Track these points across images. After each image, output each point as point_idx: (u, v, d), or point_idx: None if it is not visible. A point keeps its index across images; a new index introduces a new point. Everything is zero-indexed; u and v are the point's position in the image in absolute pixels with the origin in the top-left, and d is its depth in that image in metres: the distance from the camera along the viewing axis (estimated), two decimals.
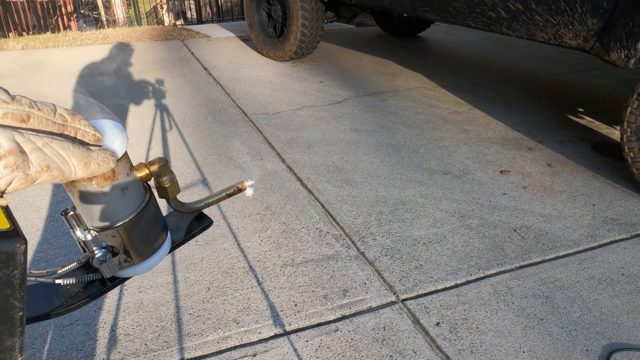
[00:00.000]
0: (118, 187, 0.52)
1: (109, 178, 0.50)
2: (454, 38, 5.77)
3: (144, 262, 0.58)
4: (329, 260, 1.94)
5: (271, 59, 4.74)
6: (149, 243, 0.58)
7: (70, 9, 11.00)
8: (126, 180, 0.53)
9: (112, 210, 0.52)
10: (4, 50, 4.83)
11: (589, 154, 2.90)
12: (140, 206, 0.55)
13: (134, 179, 0.54)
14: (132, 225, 0.54)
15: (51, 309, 0.55)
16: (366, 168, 2.66)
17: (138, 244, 0.56)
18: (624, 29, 2.29)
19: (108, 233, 0.53)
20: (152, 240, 0.59)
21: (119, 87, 3.87)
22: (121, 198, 0.53)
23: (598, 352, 1.56)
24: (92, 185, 0.50)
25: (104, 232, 0.53)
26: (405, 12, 3.66)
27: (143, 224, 0.56)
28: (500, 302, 1.75)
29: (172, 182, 0.61)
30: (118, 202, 0.52)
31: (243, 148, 2.87)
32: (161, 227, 0.61)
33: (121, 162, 0.51)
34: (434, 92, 3.90)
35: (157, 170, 0.59)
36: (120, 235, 0.54)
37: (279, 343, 1.56)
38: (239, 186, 0.70)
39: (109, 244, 0.54)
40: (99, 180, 0.49)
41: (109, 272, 0.56)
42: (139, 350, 1.53)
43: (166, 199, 0.63)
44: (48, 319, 0.55)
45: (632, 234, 2.15)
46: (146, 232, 0.57)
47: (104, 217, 0.53)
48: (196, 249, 1.99)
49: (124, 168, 0.52)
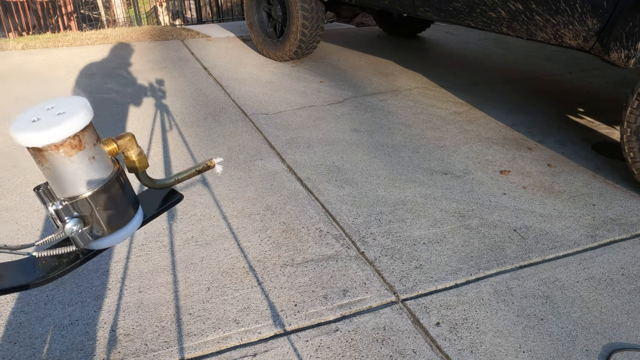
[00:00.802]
0: (85, 156, 0.54)
1: (76, 147, 0.53)
2: (454, 38, 5.77)
3: (115, 233, 0.60)
4: (329, 260, 1.94)
5: (271, 59, 4.74)
6: (119, 214, 0.60)
7: (70, 9, 11.00)
8: (93, 150, 0.55)
9: (81, 179, 0.55)
10: (4, 50, 4.83)
11: (589, 154, 2.90)
12: (109, 177, 0.57)
13: (100, 150, 0.57)
14: (101, 196, 0.56)
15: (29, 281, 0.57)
16: (366, 168, 2.66)
17: (108, 214, 0.58)
18: (624, 29, 2.29)
19: (78, 203, 0.55)
20: (123, 212, 0.61)
21: (119, 87, 3.87)
22: (89, 168, 0.55)
23: (598, 352, 1.56)
24: (60, 153, 0.52)
25: (74, 202, 0.55)
26: (405, 12, 3.66)
27: (112, 195, 0.58)
28: (500, 302, 1.75)
29: (139, 157, 0.64)
30: (86, 172, 0.55)
31: (243, 148, 2.87)
32: (131, 200, 0.63)
33: (86, 132, 0.54)
34: (434, 92, 3.90)
35: (124, 144, 0.62)
36: (90, 205, 0.56)
37: (279, 343, 1.56)
38: (208, 163, 0.73)
39: (80, 214, 0.56)
40: (65, 148, 0.52)
41: (82, 242, 0.58)
42: (139, 350, 1.53)
43: (135, 173, 0.65)
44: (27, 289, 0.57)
45: (632, 234, 2.15)
46: (116, 203, 0.59)
47: (73, 186, 0.55)
48: (196, 249, 1.99)
49: (90, 138, 0.54)
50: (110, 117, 3.31)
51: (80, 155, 0.53)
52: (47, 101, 0.55)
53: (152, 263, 1.91)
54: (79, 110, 0.53)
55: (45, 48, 5.00)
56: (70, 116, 0.52)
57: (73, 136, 0.52)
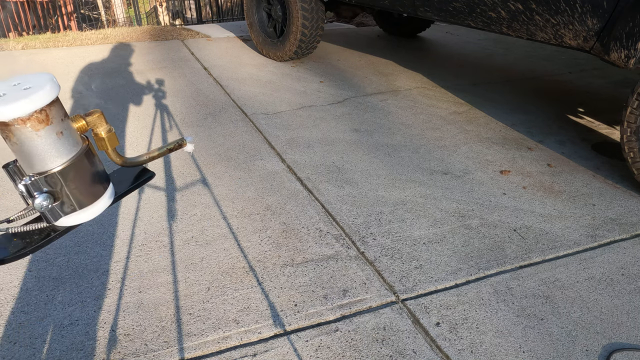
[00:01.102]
0: (53, 131, 0.54)
1: (43, 121, 0.53)
2: (454, 38, 5.77)
3: (86, 209, 0.60)
4: (329, 260, 1.94)
5: (271, 59, 4.74)
6: (88, 190, 0.60)
7: (70, 9, 11.00)
8: (60, 125, 0.55)
9: (49, 154, 0.55)
10: (4, 50, 4.83)
11: (589, 154, 2.90)
12: (78, 152, 0.58)
13: (69, 126, 0.57)
14: (70, 171, 0.57)
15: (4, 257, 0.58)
16: (366, 168, 2.66)
17: (78, 190, 0.59)
18: (624, 29, 2.29)
19: (47, 178, 0.56)
20: (93, 188, 0.61)
21: (119, 87, 3.87)
22: (57, 142, 0.55)
23: (598, 352, 1.56)
24: (27, 128, 0.52)
25: (43, 177, 0.55)
26: (405, 12, 3.66)
27: (82, 171, 0.58)
28: (500, 302, 1.75)
29: (109, 134, 0.64)
30: (54, 147, 0.55)
31: (243, 148, 2.87)
32: (101, 176, 0.63)
33: (53, 107, 0.54)
34: (434, 92, 3.90)
35: (93, 121, 0.62)
36: (60, 181, 0.56)
37: (279, 343, 1.56)
38: (180, 142, 0.74)
39: (50, 189, 0.56)
40: (32, 122, 0.52)
41: (52, 217, 0.58)
42: (139, 350, 1.53)
43: (105, 150, 0.65)
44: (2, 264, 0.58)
45: (632, 234, 2.15)
46: (85, 180, 0.59)
47: (42, 161, 0.55)
48: (196, 249, 1.99)
49: (57, 113, 0.55)
50: (110, 117, 3.31)
51: (47, 129, 0.54)
52: (13, 78, 0.55)
53: (152, 263, 1.91)
54: (45, 84, 0.53)
55: (45, 48, 5.00)
56: (37, 90, 0.52)
57: (40, 110, 0.53)
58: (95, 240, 2.04)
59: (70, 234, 2.07)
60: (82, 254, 1.96)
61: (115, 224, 2.15)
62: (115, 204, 2.38)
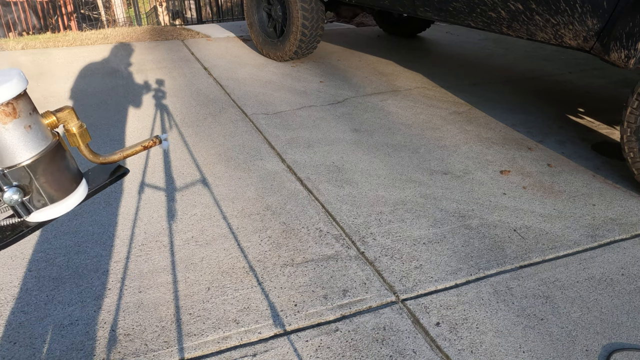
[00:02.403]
0: (20, 124, 0.55)
1: (10, 114, 0.54)
2: (454, 38, 5.77)
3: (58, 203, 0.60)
4: (329, 260, 1.94)
5: (271, 59, 4.74)
6: (59, 185, 0.60)
7: (70, 9, 11.00)
8: (29, 119, 0.56)
9: (17, 148, 0.55)
10: (4, 50, 4.83)
11: (589, 154, 2.91)
12: (47, 147, 0.58)
13: (37, 120, 0.57)
14: (39, 165, 0.57)
15: None
16: (366, 168, 2.66)
17: (49, 184, 0.59)
18: (624, 29, 2.29)
19: (16, 171, 0.56)
20: (64, 182, 0.61)
21: (119, 87, 3.87)
22: (25, 136, 0.55)
23: (598, 352, 1.56)
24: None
25: (12, 171, 0.56)
26: (405, 12, 3.66)
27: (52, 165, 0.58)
28: (500, 302, 1.75)
29: (80, 129, 0.64)
30: (23, 140, 0.55)
31: (243, 148, 2.87)
32: (72, 171, 0.63)
33: (21, 100, 0.54)
34: (434, 92, 3.90)
35: (63, 117, 0.62)
36: (29, 174, 0.56)
37: (279, 343, 1.56)
38: (154, 139, 0.75)
39: (19, 184, 0.56)
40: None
41: (23, 212, 0.58)
42: (139, 350, 1.53)
43: (77, 147, 0.65)
44: None
45: (632, 234, 2.15)
46: (55, 174, 0.59)
47: (10, 155, 0.55)
48: (196, 249, 1.99)
49: (24, 107, 0.55)
50: (110, 117, 3.31)
51: (15, 123, 0.54)
52: None
53: (152, 263, 1.91)
54: (12, 78, 0.53)
55: (45, 48, 5.00)
56: (2, 83, 0.52)
57: (6, 103, 0.53)
58: (95, 240, 2.04)
59: (71, 234, 2.07)
60: (82, 254, 1.96)
61: (115, 224, 2.15)
62: (115, 204, 2.37)
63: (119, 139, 2.98)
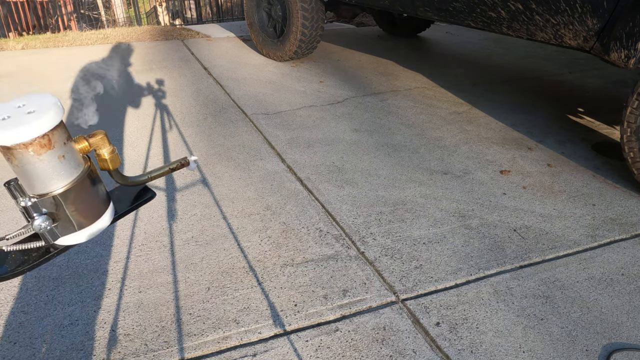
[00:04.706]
0: (55, 155, 0.54)
1: (45, 146, 0.53)
2: (454, 38, 5.77)
3: (84, 229, 0.60)
4: (329, 260, 1.94)
5: (271, 59, 4.74)
6: (88, 211, 0.60)
7: (70, 9, 11.00)
8: (63, 149, 0.55)
9: (50, 178, 0.55)
10: (4, 50, 4.83)
11: (589, 154, 2.90)
12: (79, 175, 0.57)
13: (71, 149, 0.57)
14: (70, 193, 0.56)
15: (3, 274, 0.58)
16: (366, 168, 2.66)
17: (77, 211, 0.58)
18: (624, 29, 2.29)
19: (47, 200, 0.55)
20: (92, 209, 0.61)
21: (119, 87, 3.87)
22: (59, 166, 0.55)
23: (598, 352, 1.56)
24: (29, 152, 0.52)
25: (43, 199, 0.55)
26: (405, 12, 3.66)
27: (82, 193, 0.58)
28: (500, 302, 1.75)
29: (111, 154, 0.64)
30: (56, 170, 0.55)
31: (243, 148, 2.87)
32: (101, 197, 0.63)
33: (56, 131, 0.54)
34: (434, 92, 3.90)
35: (96, 143, 0.61)
36: (60, 203, 0.56)
37: (279, 343, 1.56)
38: (182, 162, 0.74)
39: (49, 211, 0.56)
40: (34, 147, 0.52)
41: (50, 238, 0.58)
42: (139, 350, 1.53)
43: (108, 171, 0.65)
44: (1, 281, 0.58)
45: (632, 234, 2.15)
46: (85, 201, 0.59)
47: (42, 184, 0.55)
48: (196, 249, 1.99)
49: (59, 137, 0.54)
50: (110, 117, 3.32)
51: (49, 154, 0.53)
52: (18, 99, 0.55)
53: (152, 263, 1.90)
54: (49, 109, 0.52)
55: (45, 48, 5.00)
56: (40, 116, 0.51)
57: (42, 136, 0.52)
58: (95, 240, 2.04)
59: None
60: (82, 254, 1.96)
61: (115, 223, 2.15)
62: None
63: (119, 139, 2.98)
